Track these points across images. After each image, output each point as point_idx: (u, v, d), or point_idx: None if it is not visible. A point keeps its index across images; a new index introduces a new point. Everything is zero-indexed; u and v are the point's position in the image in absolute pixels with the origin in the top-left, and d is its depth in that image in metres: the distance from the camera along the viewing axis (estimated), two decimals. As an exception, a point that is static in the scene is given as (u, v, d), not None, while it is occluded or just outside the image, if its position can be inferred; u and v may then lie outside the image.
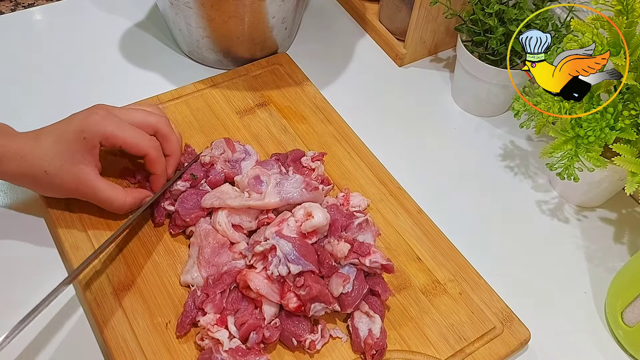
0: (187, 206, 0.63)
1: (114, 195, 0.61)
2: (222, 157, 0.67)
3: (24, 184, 0.61)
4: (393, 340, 0.58)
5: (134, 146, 0.61)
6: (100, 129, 0.59)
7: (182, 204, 0.63)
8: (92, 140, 0.59)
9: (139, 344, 0.56)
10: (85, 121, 0.59)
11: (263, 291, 0.56)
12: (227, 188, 0.64)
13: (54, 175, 0.59)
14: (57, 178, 0.59)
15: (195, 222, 0.62)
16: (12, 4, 0.96)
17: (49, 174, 0.58)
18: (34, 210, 0.66)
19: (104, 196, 0.61)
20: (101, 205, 0.62)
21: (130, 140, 0.60)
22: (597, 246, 0.71)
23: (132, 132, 0.60)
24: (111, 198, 0.61)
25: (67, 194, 0.61)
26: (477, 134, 0.81)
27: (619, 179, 0.68)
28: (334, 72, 0.86)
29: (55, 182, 0.59)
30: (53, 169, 0.58)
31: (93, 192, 0.61)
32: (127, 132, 0.60)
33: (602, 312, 0.65)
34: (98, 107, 0.61)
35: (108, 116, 0.60)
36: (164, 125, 0.64)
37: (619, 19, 0.60)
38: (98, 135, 0.59)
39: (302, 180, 0.62)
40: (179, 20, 0.78)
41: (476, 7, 0.75)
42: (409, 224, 0.67)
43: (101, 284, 0.59)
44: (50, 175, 0.59)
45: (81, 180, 0.60)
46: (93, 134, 0.59)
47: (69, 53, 0.83)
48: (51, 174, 0.59)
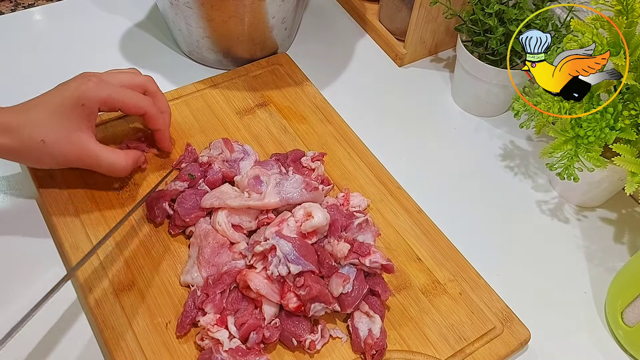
0: (186, 206, 0.62)
1: (115, 159, 0.62)
2: (220, 157, 0.67)
3: (17, 159, 0.61)
4: (393, 340, 0.59)
5: (132, 106, 0.62)
6: (97, 94, 0.59)
7: (181, 204, 0.63)
8: (91, 107, 0.59)
9: (139, 344, 0.56)
10: (80, 88, 0.59)
11: (263, 291, 0.56)
12: (226, 188, 0.64)
13: (53, 143, 0.58)
14: (56, 146, 0.58)
15: (194, 222, 0.63)
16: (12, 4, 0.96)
17: (47, 144, 0.58)
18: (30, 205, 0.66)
19: (106, 161, 0.61)
20: (102, 171, 0.63)
21: (129, 100, 0.61)
22: (597, 246, 0.71)
23: (128, 93, 0.62)
24: (113, 162, 0.62)
25: (66, 163, 0.61)
26: (477, 134, 0.81)
27: (619, 179, 0.68)
28: (334, 72, 0.86)
29: (54, 151, 0.59)
30: (51, 138, 0.58)
31: (94, 158, 0.61)
32: (124, 94, 0.61)
33: (602, 312, 0.65)
34: (87, 75, 0.61)
35: (101, 82, 0.60)
36: (151, 83, 0.65)
37: (618, 19, 0.60)
38: (96, 100, 0.59)
39: (302, 180, 0.62)
40: (179, 21, 0.78)
41: (476, 7, 0.75)
42: (408, 224, 0.67)
43: (101, 284, 0.59)
44: (49, 144, 0.58)
45: (81, 146, 0.60)
46: (91, 100, 0.59)
47: (69, 53, 0.83)
48: (49, 143, 0.58)
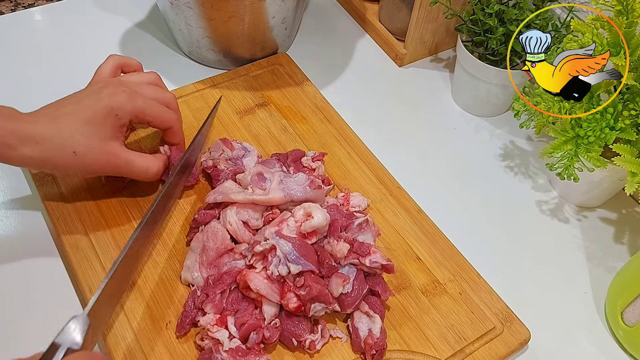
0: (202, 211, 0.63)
1: (148, 163, 0.63)
2: (223, 157, 0.67)
3: (45, 167, 0.63)
4: (393, 340, 0.59)
5: (162, 121, 0.64)
6: (131, 107, 0.61)
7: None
8: (124, 118, 0.61)
9: (139, 344, 0.56)
10: (113, 99, 0.60)
11: (263, 291, 0.56)
12: (229, 184, 0.64)
13: (84, 155, 0.59)
14: (87, 158, 0.59)
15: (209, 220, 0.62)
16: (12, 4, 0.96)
17: (78, 155, 0.58)
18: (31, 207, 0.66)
19: (139, 166, 0.63)
20: (135, 177, 0.63)
21: (159, 115, 0.63)
22: (597, 246, 0.71)
23: (159, 108, 0.63)
24: (146, 166, 0.63)
25: (97, 172, 0.62)
26: (477, 134, 0.81)
27: (619, 179, 0.68)
28: (334, 72, 0.86)
29: (87, 162, 0.60)
30: (82, 149, 0.58)
31: (127, 164, 0.62)
32: (155, 109, 0.63)
33: (602, 312, 0.65)
34: (118, 84, 0.62)
35: (134, 93, 0.61)
36: (174, 101, 0.67)
37: (619, 19, 0.60)
38: (130, 112, 0.61)
39: (306, 178, 0.63)
40: (179, 21, 0.78)
41: (476, 8, 0.75)
42: (408, 224, 0.67)
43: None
44: (80, 155, 0.59)
45: (113, 154, 0.61)
46: (125, 111, 0.60)
47: (69, 53, 0.83)
48: (81, 155, 0.59)
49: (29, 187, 0.68)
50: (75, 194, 0.65)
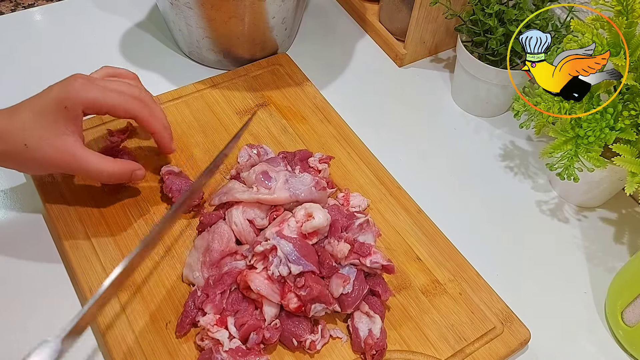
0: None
1: (103, 165, 0.58)
2: (249, 163, 0.67)
3: (5, 164, 0.58)
4: (393, 340, 0.59)
5: (121, 109, 0.58)
6: (81, 96, 0.56)
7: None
8: (74, 109, 0.56)
9: (139, 344, 0.56)
10: (64, 89, 0.56)
11: (263, 292, 0.56)
12: (233, 184, 0.64)
13: (36, 148, 0.55)
14: (39, 151, 0.56)
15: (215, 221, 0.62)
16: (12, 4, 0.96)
17: (29, 148, 0.55)
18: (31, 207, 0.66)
19: (92, 167, 0.58)
20: (88, 177, 0.60)
21: (118, 103, 0.57)
22: (597, 246, 0.71)
23: (116, 95, 0.58)
24: (100, 168, 0.58)
25: (51, 168, 0.59)
26: (477, 134, 0.81)
27: (619, 179, 0.68)
28: (334, 72, 0.86)
29: (38, 156, 0.56)
30: (34, 142, 0.55)
31: (79, 163, 0.57)
32: (110, 96, 0.57)
33: (602, 312, 0.65)
34: (75, 76, 0.58)
35: (88, 83, 0.57)
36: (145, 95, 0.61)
37: (618, 19, 0.60)
38: (80, 102, 0.56)
39: (312, 178, 0.63)
40: (179, 21, 0.78)
41: (476, 8, 0.75)
42: (408, 224, 0.67)
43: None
44: (32, 148, 0.55)
45: (66, 151, 0.57)
46: (75, 101, 0.56)
47: (69, 53, 0.83)
48: (32, 148, 0.55)
49: (29, 187, 0.67)
50: (76, 194, 0.65)
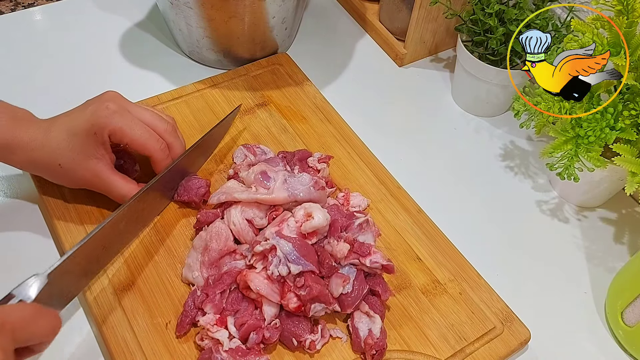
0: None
1: (127, 190, 0.62)
2: (246, 163, 0.67)
3: (37, 173, 0.63)
4: (393, 340, 0.58)
5: (140, 145, 0.61)
6: (108, 123, 0.59)
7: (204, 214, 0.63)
8: (102, 135, 0.60)
9: (139, 344, 0.56)
10: (95, 115, 0.59)
11: (263, 291, 0.56)
12: (232, 184, 0.64)
13: (68, 169, 0.60)
14: (71, 172, 0.60)
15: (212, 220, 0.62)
16: (12, 4, 0.96)
17: (63, 167, 0.60)
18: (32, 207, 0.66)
19: (117, 191, 0.62)
20: (113, 198, 0.63)
21: (138, 139, 0.61)
22: (597, 246, 0.71)
23: (140, 131, 0.61)
24: (124, 192, 0.62)
25: (80, 185, 0.63)
26: (477, 134, 0.81)
27: (619, 179, 0.68)
28: (334, 72, 0.86)
29: (70, 175, 0.61)
30: (67, 163, 0.60)
31: (106, 186, 0.62)
32: (135, 131, 0.60)
33: (602, 312, 0.65)
34: (110, 99, 0.61)
35: (118, 110, 0.60)
36: (171, 133, 0.64)
37: (619, 19, 0.60)
38: (106, 128, 0.59)
39: (311, 178, 0.63)
40: (179, 21, 0.78)
41: (476, 7, 0.75)
42: (409, 224, 0.67)
43: (101, 284, 0.59)
44: (64, 168, 0.60)
45: (95, 174, 0.61)
46: (102, 128, 0.59)
47: (69, 53, 0.83)
48: (65, 167, 0.60)
49: (30, 188, 0.67)
50: (76, 195, 0.65)
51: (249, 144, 0.70)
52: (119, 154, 0.67)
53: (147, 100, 0.75)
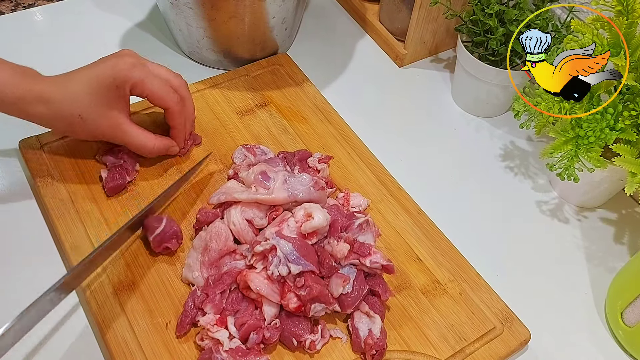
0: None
1: (145, 140, 0.65)
2: (245, 163, 0.67)
3: (54, 127, 0.63)
4: (393, 340, 0.59)
5: (159, 98, 0.64)
6: (129, 75, 0.61)
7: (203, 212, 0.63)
8: (124, 88, 0.61)
9: (139, 344, 0.56)
10: (116, 68, 0.61)
11: (263, 291, 0.56)
12: (232, 184, 0.64)
13: (89, 120, 0.61)
14: (91, 123, 0.61)
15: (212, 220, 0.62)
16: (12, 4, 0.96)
17: (83, 119, 0.61)
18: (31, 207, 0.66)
19: (136, 141, 0.64)
20: (132, 149, 0.66)
21: (157, 91, 0.63)
22: (597, 246, 0.71)
23: (159, 84, 0.63)
24: (143, 142, 0.65)
25: (99, 137, 0.64)
26: (477, 134, 0.81)
27: (619, 180, 0.68)
28: (334, 72, 0.86)
29: (90, 127, 0.62)
30: (88, 114, 0.61)
31: (127, 137, 0.64)
32: (154, 84, 0.63)
33: (602, 312, 0.65)
34: (127, 54, 0.63)
35: (137, 64, 0.62)
36: (184, 87, 0.67)
37: (619, 19, 0.60)
38: (128, 82, 0.61)
39: (311, 178, 0.63)
40: (179, 21, 0.78)
41: (476, 8, 0.75)
42: (409, 224, 0.67)
43: (101, 284, 0.59)
44: (85, 119, 0.61)
45: (115, 125, 0.63)
46: (123, 81, 0.61)
47: (69, 53, 0.83)
48: (85, 119, 0.61)
49: (30, 187, 0.68)
50: (76, 194, 0.65)
51: (249, 144, 0.70)
52: (119, 154, 0.67)
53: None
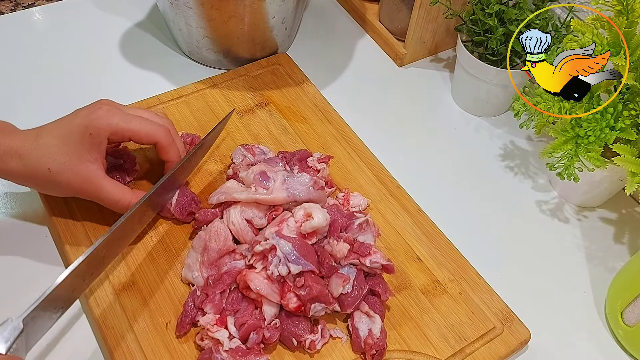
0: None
1: (120, 195, 0.60)
2: (244, 163, 0.67)
3: (25, 183, 0.60)
4: (393, 340, 0.59)
5: (145, 134, 0.60)
6: (105, 123, 0.58)
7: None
8: (99, 136, 0.58)
9: (139, 344, 0.56)
10: (89, 117, 0.58)
11: (263, 291, 0.56)
12: (232, 184, 0.64)
13: (58, 173, 0.57)
14: (61, 176, 0.57)
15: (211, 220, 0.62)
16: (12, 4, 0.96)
17: (52, 172, 0.57)
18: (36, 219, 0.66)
19: (109, 196, 0.59)
20: (105, 205, 0.61)
21: (140, 129, 0.59)
22: (597, 246, 0.71)
23: (141, 122, 0.59)
24: (116, 198, 0.60)
25: (70, 192, 0.60)
26: (477, 134, 0.81)
27: (619, 179, 0.68)
28: (334, 72, 0.86)
29: (60, 180, 0.58)
30: (57, 167, 0.57)
31: (98, 191, 0.59)
32: (133, 122, 0.59)
33: (602, 312, 0.65)
34: (102, 102, 0.60)
35: (112, 110, 0.59)
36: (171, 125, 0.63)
37: (619, 19, 0.60)
38: (104, 129, 0.58)
39: (310, 178, 0.63)
40: (179, 21, 0.78)
41: (476, 8, 0.75)
42: (409, 224, 0.67)
43: (101, 284, 0.59)
44: (54, 173, 0.57)
45: (86, 178, 0.58)
46: (99, 129, 0.57)
47: (69, 53, 0.83)
48: (55, 172, 0.57)
49: (31, 190, 0.67)
50: (79, 201, 0.64)
51: (248, 144, 0.70)
52: (119, 154, 0.67)
53: (147, 100, 0.75)
